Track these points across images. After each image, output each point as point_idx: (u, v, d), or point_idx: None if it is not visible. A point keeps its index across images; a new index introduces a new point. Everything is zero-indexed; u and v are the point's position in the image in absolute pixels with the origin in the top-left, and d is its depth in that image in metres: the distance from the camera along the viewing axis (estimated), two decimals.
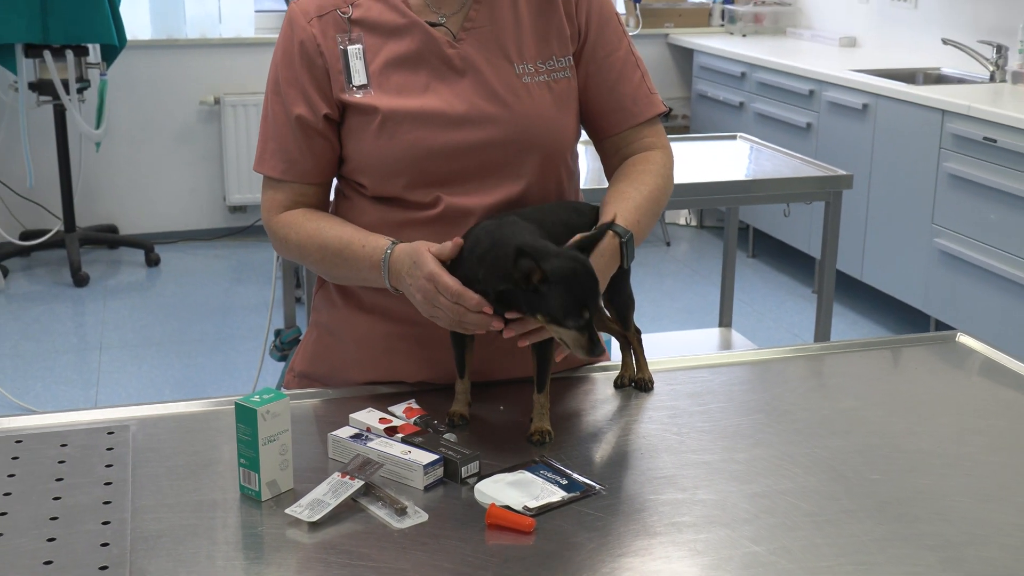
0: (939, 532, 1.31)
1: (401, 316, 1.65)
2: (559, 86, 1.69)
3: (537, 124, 1.66)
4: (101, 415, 1.58)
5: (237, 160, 5.73)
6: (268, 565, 1.25)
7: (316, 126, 1.65)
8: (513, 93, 1.65)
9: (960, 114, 4.18)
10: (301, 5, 1.67)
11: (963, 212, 4.21)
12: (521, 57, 1.67)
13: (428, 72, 1.64)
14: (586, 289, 1.41)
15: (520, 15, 1.68)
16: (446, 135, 1.62)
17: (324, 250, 1.63)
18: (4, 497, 1.34)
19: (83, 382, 4.17)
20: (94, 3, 4.86)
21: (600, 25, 1.73)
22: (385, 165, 1.63)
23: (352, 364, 1.73)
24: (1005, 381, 1.76)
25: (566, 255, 1.42)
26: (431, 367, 1.67)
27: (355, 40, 1.64)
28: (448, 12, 1.66)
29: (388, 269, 1.55)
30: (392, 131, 1.61)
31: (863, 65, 5.10)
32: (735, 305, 4.26)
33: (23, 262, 5.46)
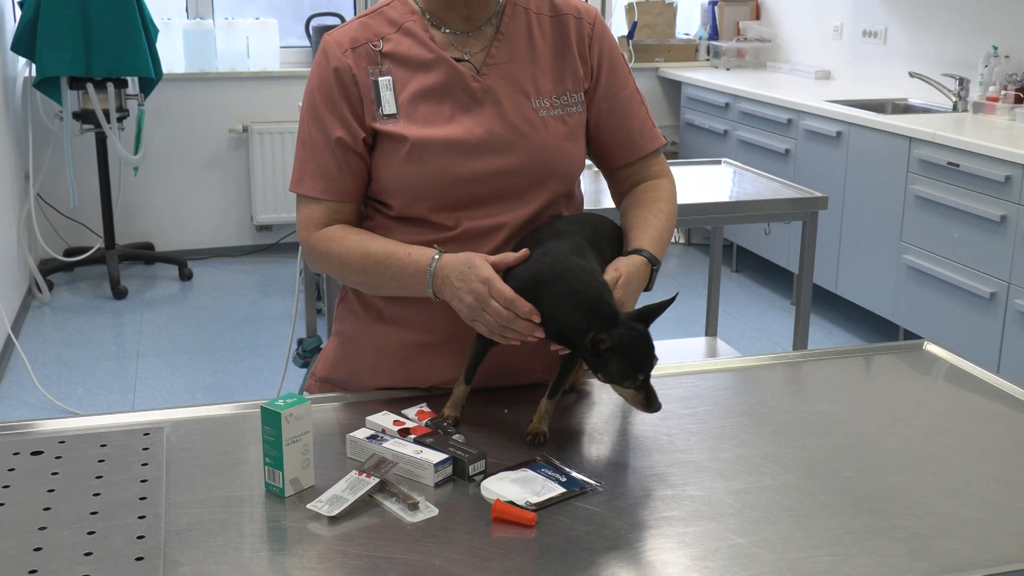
0: (908, 525, 1.30)
1: (417, 326, 1.66)
2: (571, 120, 1.70)
3: (551, 154, 1.66)
4: (138, 418, 1.58)
5: (263, 183, 5.74)
6: (291, 556, 1.24)
7: (354, 148, 1.64)
8: (530, 125, 1.65)
9: (926, 141, 4.18)
10: (335, 37, 1.67)
11: (929, 231, 4.21)
12: (537, 92, 1.67)
13: (453, 104, 1.64)
14: (643, 358, 1.43)
15: (537, 54, 1.69)
16: (469, 163, 1.62)
17: (367, 259, 1.61)
18: (48, 493, 1.34)
19: (121, 387, 4.17)
20: (133, 39, 4.88)
21: (610, 68, 1.74)
22: (413, 189, 1.63)
23: (370, 370, 1.73)
24: (969, 386, 1.76)
25: (629, 326, 1.43)
26: (443, 373, 1.67)
27: (385, 72, 1.65)
28: (472, 50, 1.66)
29: (434, 275, 1.54)
30: (420, 158, 1.61)
31: (837, 96, 5.11)
32: (720, 316, 4.26)
33: (67, 276, 5.47)
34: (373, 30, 1.66)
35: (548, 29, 1.71)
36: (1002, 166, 3.81)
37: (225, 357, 4.47)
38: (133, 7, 4.86)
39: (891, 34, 5.38)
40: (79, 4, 4.78)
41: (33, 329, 4.76)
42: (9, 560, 1.19)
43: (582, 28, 1.72)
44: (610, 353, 1.41)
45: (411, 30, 1.66)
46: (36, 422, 1.56)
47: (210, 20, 5.75)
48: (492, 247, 1.63)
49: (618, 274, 1.52)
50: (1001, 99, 4.54)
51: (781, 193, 3.40)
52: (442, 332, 1.61)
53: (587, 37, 1.72)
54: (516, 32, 1.69)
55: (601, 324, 1.41)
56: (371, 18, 1.68)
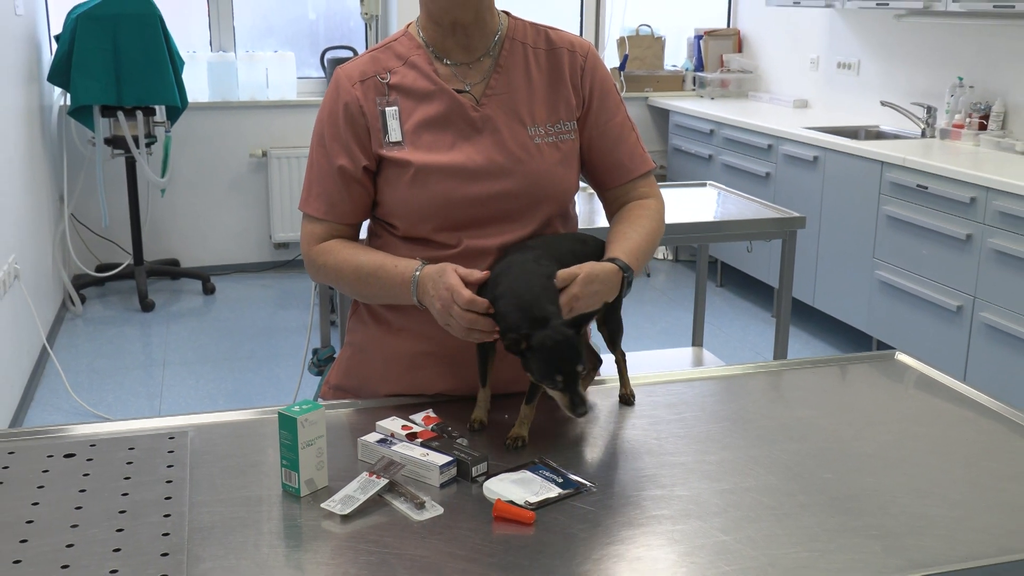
0: (882, 524, 1.30)
1: (424, 336, 1.66)
2: (565, 146, 1.70)
3: (545, 179, 1.67)
4: (163, 423, 1.58)
5: (281, 204, 5.75)
6: (306, 552, 1.24)
7: (355, 176, 1.66)
8: (526, 151, 1.66)
9: (896, 165, 4.18)
10: (346, 70, 1.68)
11: (900, 248, 4.21)
12: (533, 121, 1.68)
13: (454, 132, 1.65)
14: (562, 360, 1.41)
15: (533, 85, 1.69)
16: (469, 187, 1.62)
17: (359, 271, 1.63)
18: (80, 493, 1.34)
19: (148, 394, 4.16)
20: (160, 71, 4.89)
21: (602, 97, 1.74)
22: (417, 211, 1.64)
23: (380, 378, 1.73)
24: (937, 393, 1.76)
25: (556, 329, 1.41)
26: (449, 380, 1.67)
27: (392, 103, 1.65)
28: (473, 81, 1.67)
29: (416, 285, 1.55)
30: (423, 182, 1.62)
31: (814, 123, 5.11)
32: (705, 328, 4.26)
33: (98, 291, 5.47)
34: (381, 63, 1.67)
35: (543, 61, 1.71)
36: (967, 188, 3.82)
37: (245, 366, 4.47)
38: (161, 40, 4.88)
39: (864, 66, 5.39)
40: (111, 38, 4.80)
41: (67, 339, 4.76)
42: (43, 556, 1.19)
43: (575, 60, 1.72)
44: (530, 352, 1.41)
45: (416, 63, 1.67)
46: (69, 427, 1.56)
47: (232, 53, 5.76)
48: (490, 264, 1.63)
49: (579, 272, 1.50)
50: (966, 126, 4.55)
51: (762, 213, 3.40)
52: (447, 343, 1.60)
53: (580, 69, 1.72)
54: (513, 65, 1.69)
55: (530, 324, 1.41)
56: (380, 52, 1.69)
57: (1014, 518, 1.32)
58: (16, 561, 1.18)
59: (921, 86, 4.96)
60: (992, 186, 3.70)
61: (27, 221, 4.31)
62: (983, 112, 4.50)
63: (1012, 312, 3.65)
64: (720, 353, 4.52)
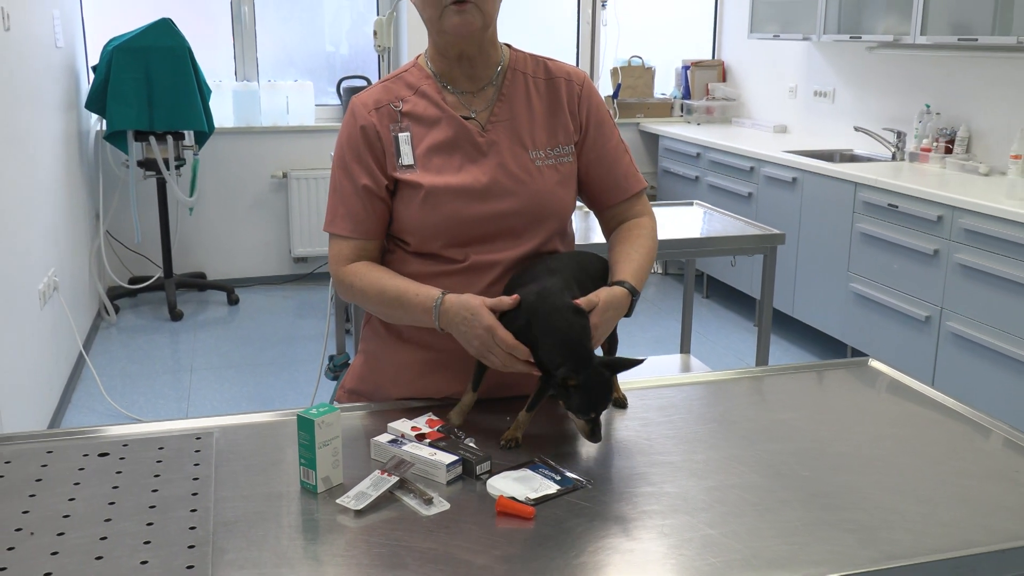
0: (856, 518, 1.30)
1: (431, 345, 1.66)
2: (563, 168, 1.70)
3: (546, 198, 1.67)
4: (191, 424, 1.58)
5: (300, 221, 5.76)
6: (322, 544, 1.24)
7: (378, 194, 1.65)
8: (528, 174, 1.66)
9: (869, 185, 4.19)
10: (362, 99, 1.68)
11: (872, 262, 4.21)
12: (534, 145, 1.68)
13: (461, 155, 1.65)
14: (599, 399, 1.44)
15: (534, 112, 1.70)
16: (476, 206, 1.63)
17: (383, 295, 1.62)
18: (113, 490, 1.34)
19: (177, 397, 4.16)
20: (189, 99, 4.91)
21: (598, 123, 1.75)
22: (428, 229, 1.64)
23: (391, 383, 1.73)
24: (908, 397, 1.76)
25: (597, 371, 1.43)
26: (452, 385, 1.67)
27: (404, 128, 1.65)
28: (478, 108, 1.68)
29: (439, 314, 1.54)
30: (434, 203, 1.62)
31: (792, 147, 5.12)
32: (693, 336, 4.26)
33: (131, 301, 5.47)
34: (394, 93, 1.68)
35: (543, 90, 1.72)
36: (935, 207, 3.82)
37: (266, 371, 4.47)
38: (190, 71, 4.90)
39: (838, 94, 5.40)
40: (143, 68, 4.81)
41: (102, 346, 4.76)
42: (79, 547, 1.19)
43: (572, 89, 1.73)
44: (575, 389, 1.42)
45: (426, 92, 1.67)
46: (103, 428, 1.56)
47: (255, 82, 5.78)
48: (495, 277, 1.64)
49: (597, 300, 1.52)
50: (933, 150, 4.55)
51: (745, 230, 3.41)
52: (452, 350, 1.61)
53: (576, 97, 1.73)
54: (515, 93, 1.70)
55: (575, 364, 1.42)
56: (392, 82, 1.70)
57: (979, 513, 1.32)
58: (54, 553, 1.18)
59: (891, 113, 4.96)
60: (958, 205, 3.70)
61: (66, 237, 4.32)
62: (949, 137, 4.51)
63: (976, 322, 3.65)
64: (706, 360, 4.52)
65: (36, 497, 1.32)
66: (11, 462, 1.42)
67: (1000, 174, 4.23)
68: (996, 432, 1.61)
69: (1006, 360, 3.53)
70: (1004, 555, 1.23)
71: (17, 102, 3.55)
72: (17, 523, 1.25)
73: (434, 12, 1.59)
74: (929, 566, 1.20)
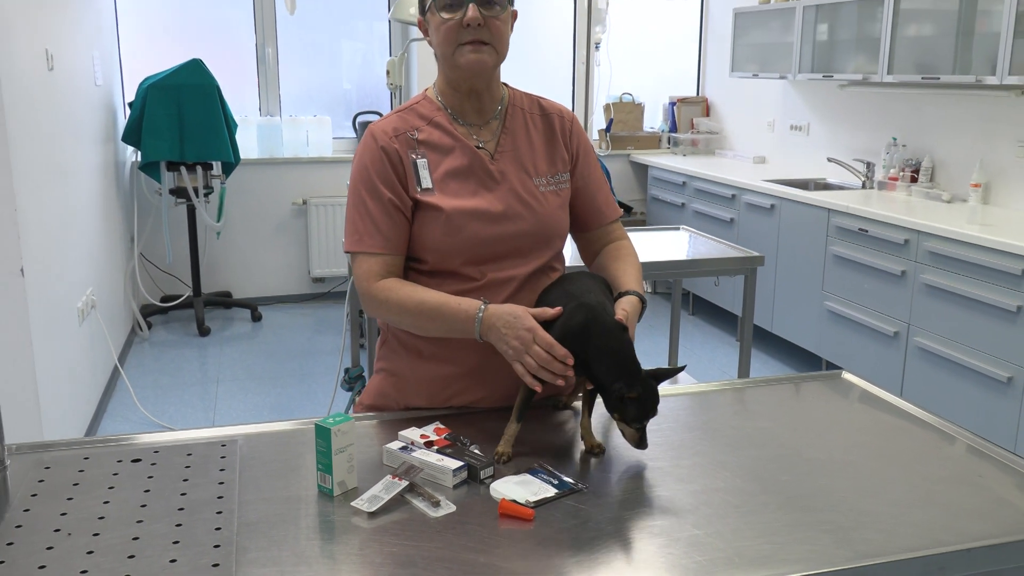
0: (832, 519, 1.29)
1: (449, 360, 1.66)
2: (562, 193, 1.73)
3: (550, 221, 1.69)
4: (217, 432, 1.57)
5: (319, 244, 5.77)
6: (338, 544, 1.23)
7: (403, 211, 1.63)
8: (534, 199, 1.68)
9: (841, 212, 4.19)
10: (380, 126, 1.67)
11: (845, 282, 4.21)
12: (537, 172, 1.70)
13: (476, 181, 1.65)
14: (650, 407, 1.44)
15: (534, 143, 1.72)
16: (491, 228, 1.63)
17: (422, 306, 1.58)
18: (145, 493, 1.33)
19: (204, 407, 4.15)
20: (217, 132, 4.93)
21: (584, 154, 1.77)
22: (449, 248, 1.63)
23: (414, 396, 1.71)
24: (878, 407, 1.75)
25: (648, 384, 1.44)
26: (466, 397, 1.67)
27: (421, 155, 1.65)
28: (485, 139, 1.69)
29: (481, 322, 1.53)
30: (456, 225, 1.62)
31: (771, 176, 5.13)
32: (680, 350, 4.25)
33: (162, 318, 5.48)
34: (409, 122, 1.68)
35: (540, 124, 1.74)
36: (901, 231, 3.82)
37: (287, 383, 4.46)
38: (218, 107, 4.92)
39: (813, 128, 5.42)
40: (176, 105, 4.84)
41: (135, 360, 4.76)
42: (113, 547, 1.19)
43: (564, 124, 1.76)
44: (632, 401, 1.42)
45: (439, 123, 1.68)
46: (136, 435, 1.55)
47: (278, 117, 5.80)
48: (509, 292, 1.64)
49: (626, 313, 1.53)
50: (900, 179, 4.56)
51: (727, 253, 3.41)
52: (469, 364, 1.62)
53: (567, 132, 1.76)
54: (517, 127, 1.71)
55: (629, 378, 1.43)
56: (405, 113, 1.69)
57: (945, 514, 1.32)
58: (89, 552, 1.18)
59: (861, 145, 4.98)
60: (923, 229, 3.71)
61: (103, 259, 4.33)
62: (914, 167, 4.52)
63: (941, 337, 3.64)
64: (692, 372, 4.51)
65: (74, 500, 1.31)
66: (51, 467, 1.42)
67: (961, 201, 4.23)
68: (960, 439, 1.60)
69: (969, 372, 3.52)
70: (970, 553, 1.23)
71: (60, 135, 3.57)
72: (56, 524, 1.24)
73: (450, 49, 1.60)
74: (900, 564, 1.20)
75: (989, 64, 3.72)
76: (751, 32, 5.47)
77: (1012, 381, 3.34)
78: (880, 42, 4.31)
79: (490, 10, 1.58)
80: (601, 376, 1.45)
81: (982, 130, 4.18)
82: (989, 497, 1.37)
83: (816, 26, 4.86)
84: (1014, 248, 3.29)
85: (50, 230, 3.30)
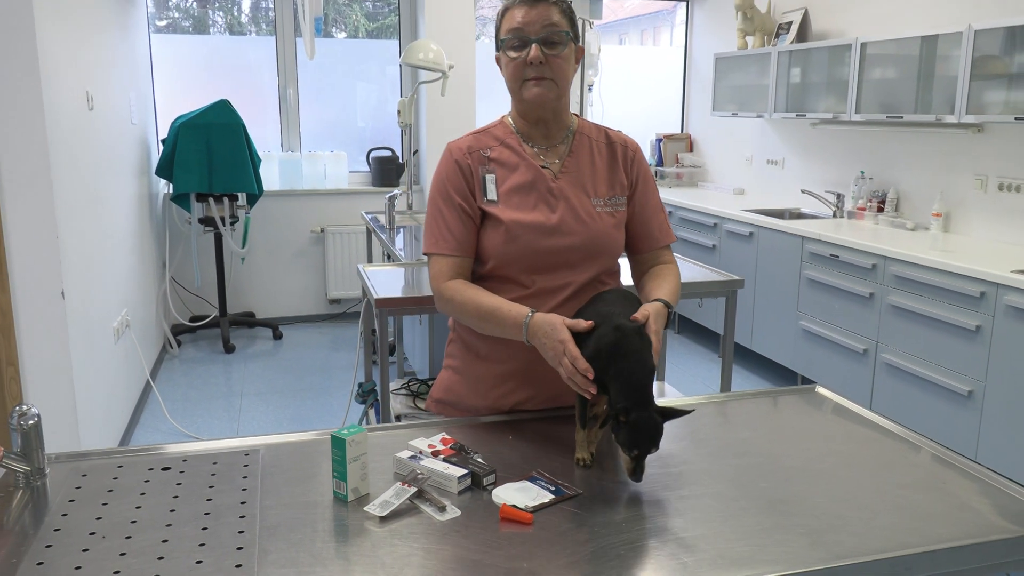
0: (807, 523, 1.28)
1: (503, 359, 1.69)
2: (618, 215, 1.74)
3: (603, 238, 1.70)
4: (241, 442, 1.57)
5: (335, 269, 5.77)
6: (351, 546, 1.23)
7: (473, 217, 1.67)
8: (590, 216, 1.69)
9: (814, 239, 4.20)
10: (457, 144, 1.72)
11: (818, 304, 4.21)
12: (596, 193, 1.71)
13: (536, 196, 1.68)
14: (645, 440, 1.35)
15: (596, 168, 1.74)
16: (547, 240, 1.65)
17: (479, 309, 1.62)
18: (173, 499, 1.33)
19: (229, 418, 4.14)
20: (243, 166, 4.95)
21: (644, 182, 1.78)
22: (508, 255, 1.66)
23: (471, 393, 1.74)
24: (849, 419, 1.75)
25: (649, 414, 1.35)
26: (517, 395, 1.69)
27: (491, 171, 1.69)
28: (551, 160, 1.71)
29: (527, 329, 1.54)
30: (515, 235, 1.64)
31: (749, 206, 5.15)
32: (667, 366, 4.24)
33: (191, 337, 5.47)
34: (483, 142, 1.72)
35: (604, 151, 1.76)
36: (869, 257, 3.83)
37: (305, 396, 4.45)
38: (243, 143, 4.94)
39: (788, 162, 5.44)
40: (205, 141, 4.86)
41: (166, 375, 4.75)
42: (144, 549, 1.18)
43: (627, 153, 1.78)
44: (624, 425, 1.36)
45: (510, 144, 1.71)
46: (166, 445, 1.55)
47: (298, 152, 5.82)
48: (558, 300, 1.66)
49: (646, 314, 1.51)
50: (867, 209, 4.57)
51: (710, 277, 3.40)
52: (520, 362, 1.66)
53: (630, 160, 1.78)
54: (582, 152, 1.74)
55: (634, 403, 1.35)
56: (482, 134, 1.73)
57: (912, 518, 1.31)
58: (122, 553, 1.17)
59: (832, 178, 4.99)
60: (889, 255, 3.71)
61: (137, 282, 4.33)
62: (881, 198, 4.53)
63: (906, 354, 3.64)
64: (678, 386, 4.50)
65: (108, 505, 1.31)
66: (87, 475, 1.41)
67: (924, 229, 4.24)
68: (925, 448, 1.60)
69: (932, 386, 3.51)
70: (935, 555, 1.22)
71: (99, 169, 3.58)
72: (91, 528, 1.24)
73: (516, 84, 1.65)
74: (871, 565, 1.19)
75: (948, 104, 3.74)
76: (730, 75, 5.50)
77: (972, 395, 3.33)
78: (848, 84, 4.34)
79: (552, 49, 1.62)
80: (612, 396, 1.40)
81: (942, 164, 4.20)
82: (952, 502, 1.37)
83: (790, 70, 4.89)
84: (973, 272, 3.30)
85: (89, 256, 3.31)
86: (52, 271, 2.82)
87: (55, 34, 2.94)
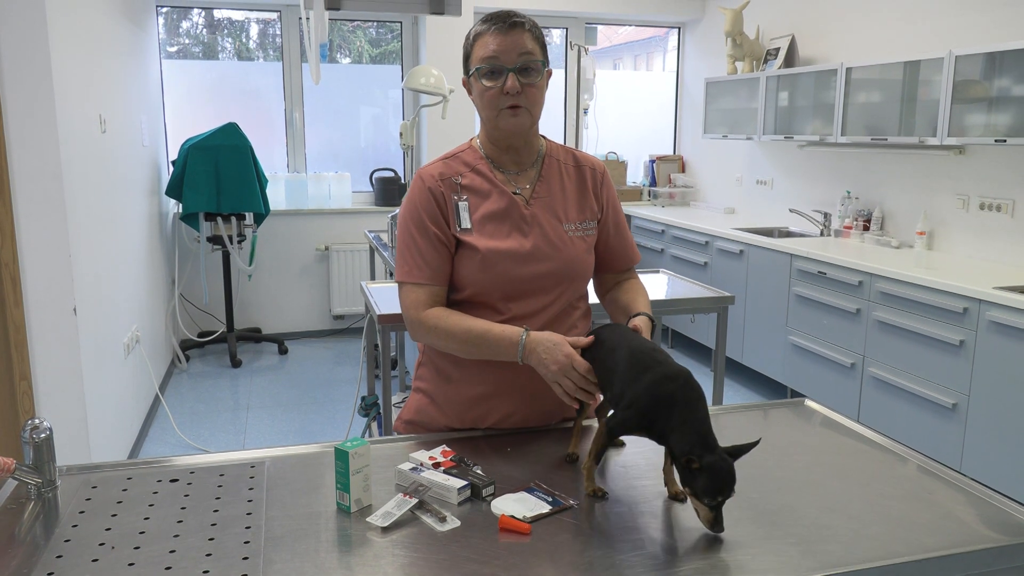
0: (797, 533, 1.28)
1: (476, 382, 1.66)
2: (589, 239, 1.72)
3: (576, 263, 1.68)
4: (247, 455, 1.57)
5: (339, 286, 5.77)
6: (354, 556, 1.22)
7: (447, 245, 1.64)
8: (563, 242, 1.67)
9: (802, 256, 4.21)
10: (427, 171, 1.68)
11: (806, 319, 4.22)
12: (567, 218, 1.69)
13: (510, 224, 1.65)
14: (723, 484, 1.23)
15: (566, 192, 1.72)
16: (522, 268, 1.63)
17: (469, 333, 1.58)
18: (181, 510, 1.32)
19: (236, 431, 4.13)
20: (250, 186, 4.96)
21: (613, 205, 1.78)
22: (484, 283, 1.63)
23: (443, 415, 1.71)
24: (838, 431, 1.75)
25: (720, 456, 1.24)
26: (492, 416, 1.67)
27: (463, 198, 1.65)
28: (522, 186, 1.69)
29: (524, 347, 1.53)
30: (491, 264, 1.62)
31: (740, 225, 5.16)
32: None
33: (199, 351, 5.46)
34: (453, 168, 1.68)
35: (573, 175, 1.74)
36: (855, 274, 3.84)
37: (309, 409, 4.44)
38: (251, 164, 4.95)
39: (776, 182, 5.46)
40: (213, 163, 4.87)
41: (174, 389, 4.74)
42: (152, 559, 1.18)
43: (595, 176, 1.76)
44: (699, 472, 1.24)
45: (481, 171, 1.68)
46: (174, 457, 1.54)
47: (303, 173, 5.84)
48: (534, 327, 1.63)
49: (638, 329, 1.53)
50: (853, 227, 4.58)
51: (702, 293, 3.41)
52: (489, 385, 1.63)
53: (598, 184, 1.76)
54: (552, 176, 1.72)
55: (701, 449, 1.25)
56: (451, 160, 1.70)
57: (899, 528, 1.31)
58: (131, 564, 1.16)
59: (819, 197, 5.01)
60: (875, 272, 3.72)
61: (147, 299, 4.33)
62: (866, 217, 4.55)
63: (892, 368, 3.64)
64: None
65: (117, 516, 1.30)
66: (97, 487, 1.41)
67: (908, 247, 4.25)
68: (911, 460, 1.59)
69: (918, 399, 3.51)
70: (921, 564, 1.22)
71: (111, 190, 3.59)
72: (101, 538, 1.23)
73: (492, 113, 1.62)
74: (860, 573, 1.19)
75: (930, 127, 3.76)
76: (721, 99, 5.53)
77: (956, 407, 3.33)
78: (834, 108, 4.36)
79: (527, 77, 1.60)
80: (675, 445, 1.28)
81: (925, 185, 4.22)
82: (938, 512, 1.36)
83: (778, 94, 4.92)
84: (956, 288, 3.30)
85: (100, 273, 3.31)
86: (65, 288, 2.82)
87: (69, 60, 2.95)
